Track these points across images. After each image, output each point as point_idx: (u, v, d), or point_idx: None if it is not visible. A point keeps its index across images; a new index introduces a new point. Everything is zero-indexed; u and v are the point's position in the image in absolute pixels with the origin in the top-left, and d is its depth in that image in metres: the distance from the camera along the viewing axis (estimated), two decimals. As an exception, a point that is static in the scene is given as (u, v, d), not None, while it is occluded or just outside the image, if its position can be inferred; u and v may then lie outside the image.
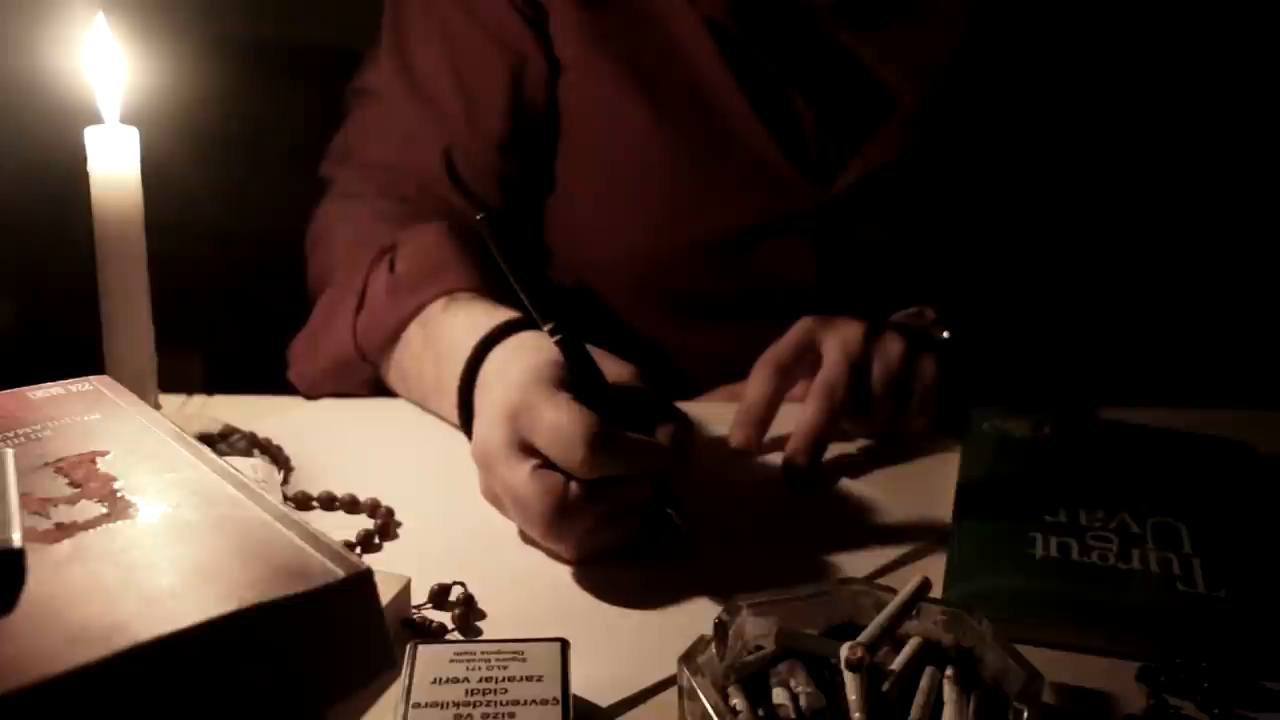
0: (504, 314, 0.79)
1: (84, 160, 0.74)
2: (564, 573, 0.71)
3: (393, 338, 0.87)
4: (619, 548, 0.71)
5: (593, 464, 0.66)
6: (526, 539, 0.73)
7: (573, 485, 0.67)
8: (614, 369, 0.73)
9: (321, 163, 1.06)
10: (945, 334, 0.89)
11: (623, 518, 0.70)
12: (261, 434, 0.84)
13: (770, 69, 0.95)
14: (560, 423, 0.66)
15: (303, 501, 0.77)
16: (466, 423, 0.77)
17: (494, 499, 0.72)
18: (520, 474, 0.68)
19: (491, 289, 0.83)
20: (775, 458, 0.83)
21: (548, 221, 1.05)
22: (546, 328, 0.71)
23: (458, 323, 0.81)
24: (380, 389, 0.92)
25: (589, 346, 0.72)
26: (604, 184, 1.01)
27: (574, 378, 0.70)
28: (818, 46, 0.96)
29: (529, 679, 0.57)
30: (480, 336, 0.77)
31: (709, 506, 0.77)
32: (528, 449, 0.68)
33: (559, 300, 0.71)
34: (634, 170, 0.99)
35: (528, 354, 0.73)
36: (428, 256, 0.88)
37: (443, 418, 0.85)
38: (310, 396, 0.93)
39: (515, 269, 0.71)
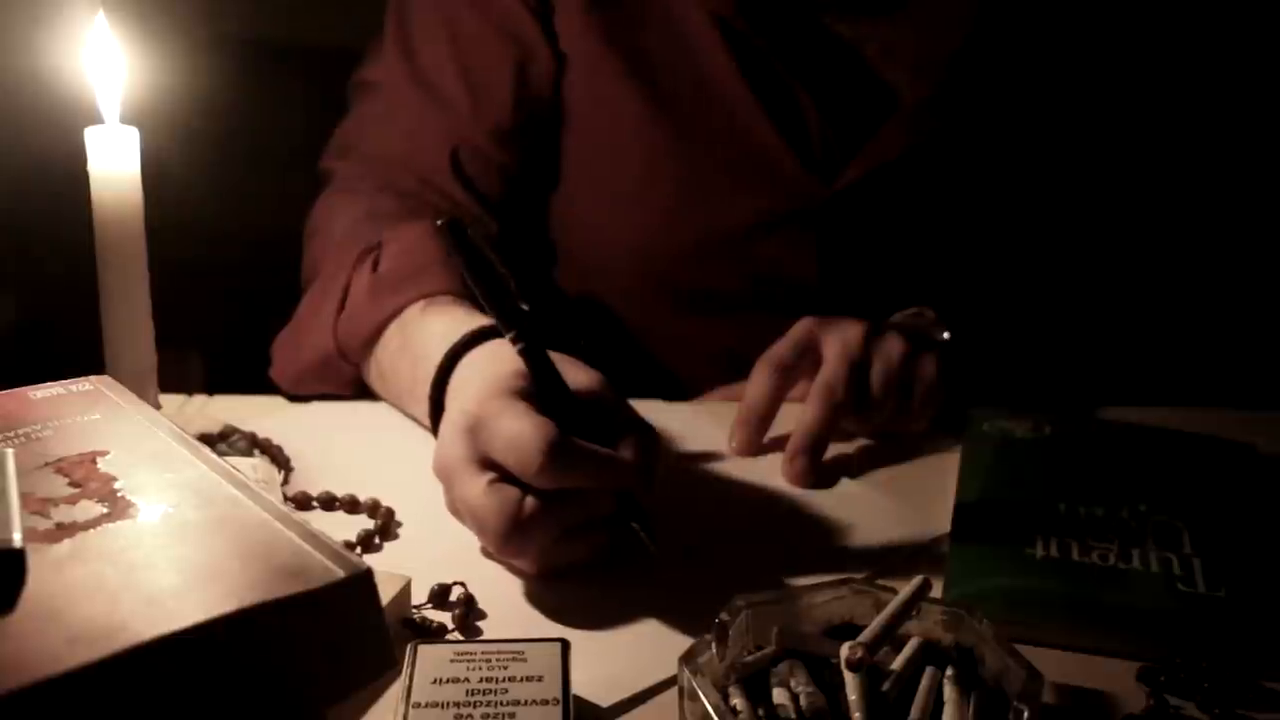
0: (476, 321, 0.77)
1: (84, 160, 0.74)
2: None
3: (372, 338, 0.86)
4: (582, 562, 0.69)
5: (550, 473, 0.64)
6: (487, 553, 0.71)
7: (529, 500, 0.65)
8: (580, 377, 0.70)
9: (321, 156, 1.05)
10: (945, 334, 0.89)
11: (585, 532, 0.68)
12: (261, 434, 0.84)
13: (775, 64, 0.95)
14: (518, 431, 0.64)
15: (303, 502, 0.77)
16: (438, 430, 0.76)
17: (456, 513, 0.70)
18: (476, 489, 0.66)
19: (471, 291, 0.82)
20: (776, 458, 0.83)
21: (551, 217, 1.05)
22: (508, 336, 0.69)
23: (433, 328, 0.80)
24: (362, 390, 0.91)
25: (553, 354, 0.69)
26: (607, 179, 1.01)
27: (536, 387, 0.68)
28: (822, 42, 0.96)
29: (529, 679, 0.57)
30: (449, 346, 0.75)
31: (709, 506, 0.77)
32: (485, 463, 0.66)
33: (522, 308, 0.70)
34: (637, 166, 0.99)
35: (489, 366, 0.71)
36: (410, 257, 0.87)
37: (418, 420, 0.84)
38: (292, 395, 0.92)
39: (477, 277, 0.69)
